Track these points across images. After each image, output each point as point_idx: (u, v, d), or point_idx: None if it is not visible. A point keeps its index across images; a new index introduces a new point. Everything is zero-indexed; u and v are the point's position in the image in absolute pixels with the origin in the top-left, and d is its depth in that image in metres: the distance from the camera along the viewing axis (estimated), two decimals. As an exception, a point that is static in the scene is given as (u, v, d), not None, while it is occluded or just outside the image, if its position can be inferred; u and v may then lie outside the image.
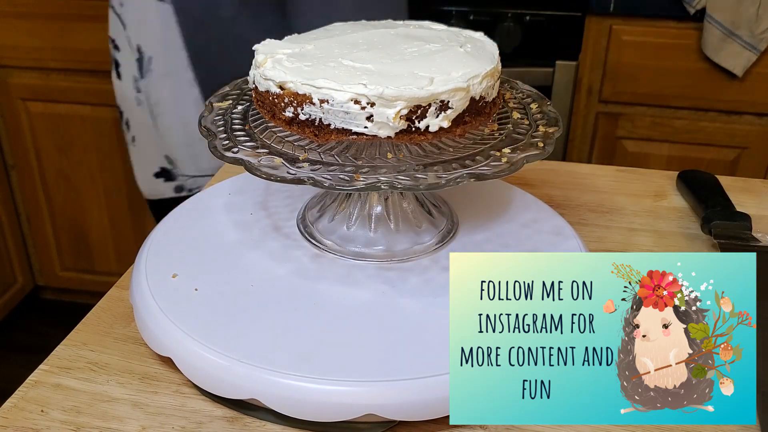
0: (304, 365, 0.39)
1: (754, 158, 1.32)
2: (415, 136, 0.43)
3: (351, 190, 0.42)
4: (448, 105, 0.43)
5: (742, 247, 0.53)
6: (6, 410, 0.41)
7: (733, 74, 1.23)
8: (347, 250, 0.49)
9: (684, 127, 1.32)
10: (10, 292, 1.82)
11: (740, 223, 0.56)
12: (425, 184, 0.41)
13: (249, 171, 0.43)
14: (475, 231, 0.53)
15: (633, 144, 1.35)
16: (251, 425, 0.40)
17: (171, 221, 0.54)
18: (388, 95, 0.41)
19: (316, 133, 0.44)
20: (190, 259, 0.49)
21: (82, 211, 1.74)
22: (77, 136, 1.63)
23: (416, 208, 0.52)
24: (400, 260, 0.49)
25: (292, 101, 0.44)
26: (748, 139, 1.30)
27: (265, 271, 0.48)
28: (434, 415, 0.39)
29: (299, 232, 0.52)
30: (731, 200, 0.60)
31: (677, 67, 1.26)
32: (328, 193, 0.53)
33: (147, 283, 0.46)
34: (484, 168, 0.43)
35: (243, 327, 0.42)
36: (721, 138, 1.31)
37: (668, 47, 1.25)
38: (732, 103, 1.28)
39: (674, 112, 1.31)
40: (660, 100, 1.30)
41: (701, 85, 1.27)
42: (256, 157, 0.44)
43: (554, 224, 0.54)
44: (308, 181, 0.41)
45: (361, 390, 0.38)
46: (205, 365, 0.40)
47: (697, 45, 1.23)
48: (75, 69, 1.55)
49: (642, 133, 1.33)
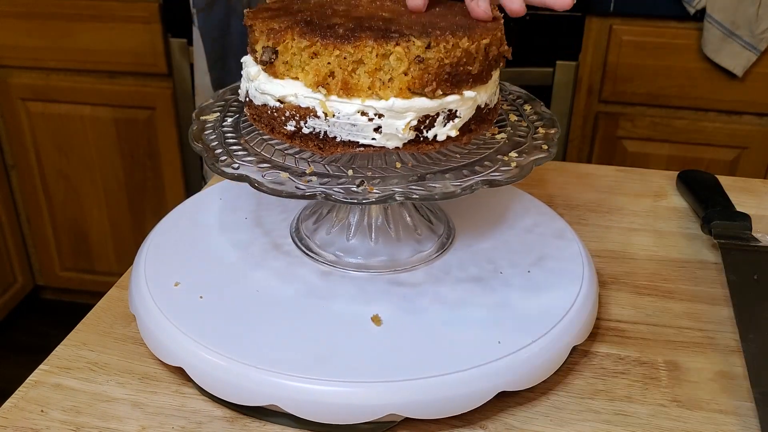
0: (322, 368, 0.39)
1: (754, 158, 1.32)
2: (422, 146, 0.42)
3: (366, 203, 0.40)
4: (456, 114, 0.43)
5: (743, 247, 0.53)
6: (6, 410, 0.41)
7: (733, 74, 1.23)
8: (349, 262, 0.48)
9: (684, 127, 1.32)
10: (10, 292, 1.82)
11: (740, 223, 0.56)
12: (440, 194, 0.40)
13: (254, 188, 0.41)
14: (477, 237, 0.52)
15: (633, 144, 1.35)
16: (251, 425, 0.40)
17: (168, 225, 0.53)
18: (398, 107, 0.40)
19: (320, 146, 0.42)
20: (192, 266, 0.48)
21: (82, 211, 1.74)
22: (77, 136, 1.63)
23: (415, 215, 0.52)
24: (404, 270, 0.48)
25: (294, 115, 0.42)
26: (748, 139, 1.30)
27: (270, 279, 0.47)
28: (456, 412, 0.39)
29: (296, 246, 0.50)
30: (731, 200, 0.60)
31: (677, 67, 1.26)
32: (324, 204, 0.52)
33: (149, 292, 0.45)
34: (496, 174, 0.42)
35: (254, 333, 0.42)
36: (721, 138, 1.31)
37: (668, 47, 1.25)
38: (732, 103, 1.28)
39: (674, 112, 1.31)
40: (660, 100, 1.30)
41: (701, 85, 1.27)
42: (260, 173, 0.42)
43: (556, 227, 0.54)
44: (320, 196, 0.40)
45: (383, 390, 0.38)
46: (219, 373, 0.40)
47: (697, 45, 1.23)
48: (75, 69, 1.55)
49: (642, 133, 1.33)
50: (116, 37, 1.50)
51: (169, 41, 1.51)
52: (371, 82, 0.40)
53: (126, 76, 1.55)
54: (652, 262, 0.56)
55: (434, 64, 0.40)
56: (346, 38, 0.40)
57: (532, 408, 0.41)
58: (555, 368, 0.42)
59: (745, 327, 0.45)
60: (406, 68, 0.40)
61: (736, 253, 0.52)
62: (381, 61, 0.40)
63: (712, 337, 0.47)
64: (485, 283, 0.47)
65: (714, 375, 0.44)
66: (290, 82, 0.42)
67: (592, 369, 0.44)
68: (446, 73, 0.41)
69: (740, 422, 0.40)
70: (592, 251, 0.54)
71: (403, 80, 0.40)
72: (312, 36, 0.40)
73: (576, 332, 0.44)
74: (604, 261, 0.56)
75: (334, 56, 0.40)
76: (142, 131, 1.61)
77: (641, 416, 0.41)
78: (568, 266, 0.49)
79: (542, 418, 0.41)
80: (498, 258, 0.50)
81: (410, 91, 0.40)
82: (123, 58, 1.52)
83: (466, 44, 0.41)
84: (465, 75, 0.42)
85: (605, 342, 0.47)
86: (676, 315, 0.49)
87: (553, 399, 0.42)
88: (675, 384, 0.43)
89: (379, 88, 0.40)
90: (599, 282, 0.51)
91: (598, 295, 0.48)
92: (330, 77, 0.41)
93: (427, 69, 0.40)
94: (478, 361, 0.39)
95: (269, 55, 0.42)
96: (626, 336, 0.47)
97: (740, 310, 0.46)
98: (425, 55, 0.40)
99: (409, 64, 0.40)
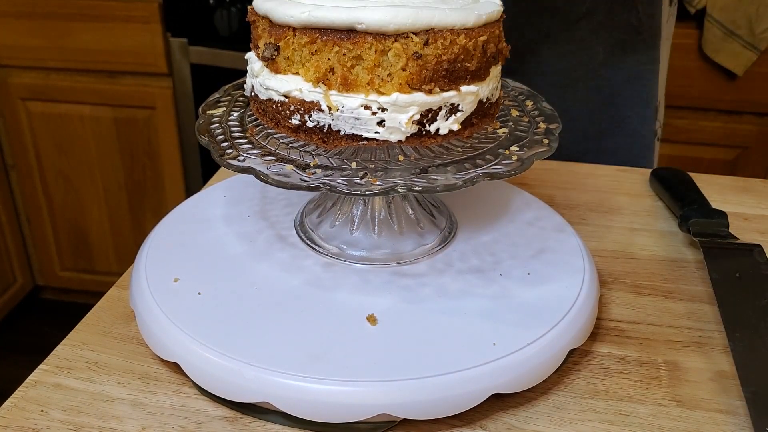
0: (316, 366, 0.39)
1: (754, 158, 1.32)
2: (425, 140, 0.43)
3: (368, 195, 0.41)
4: (458, 108, 0.43)
5: (722, 245, 0.53)
6: (6, 410, 0.41)
7: (733, 74, 1.23)
8: (352, 255, 0.49)
9: (684, 127, 1.32)
10: (10, 292, 1.82)
11: (718, 221, 0.56)
12: (442, 186, 0.41)
13: (259, 180, 0.41)
14: (478, 230, 0.53)
15: (633, 144, 1.35)
16: (251, 425, 0.40)
17: (171, 221, 0.54)
18: (401, 101, 0.41)
19: (324, 139, 0.43)
20: (193, 261, 0.48)
21: (82, 211, 1.74)
22: (77, 136, 1.63)
23: (418, 209, 0.52)
24: (407, 262, 0.49)
25: (298, 109, 0.43)
26: (748, 139, 1.30)
27: (268, 274, 0.47)
28: (449, 413, 0.39)
29: (300, 239, 0.51)
30: (707, 198, 0.60)
31: (677, 67, 1.26)
32: (328, 197, 0.53)
33: (148, 287, 0.45)
34: (497, 167, 0.43)
35: (250, 330, 0.42)
36: (721, 138, 1.31)
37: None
38: (732, 103, 1.28)
39: (674, 112, 1.31)
40: (660, 100, 1.30)
41: (701, 85, 1.27)
42: (265, 166, 0.43)
43: (556, 222, 0.54)
44: (324, 187, 0.40)
45: (376, 390, 0.38)
46: (213, 369, 0.40)
47: (697, 45, 1.23)
48: (75, 69, 1.56)
49: (642, 133, 1.33)
50: (116, 36, 1.50)
51: (169, 41, 1.51)
52: (370, 78, 0.40)
53: (126, 76, 1.55)
54: (652, 261, 0.56)
55: (432, 60, 0.40)
56: (345, 35, 0.40)
57: (533, 408, 0.41)
58: (551, 371, 0.42)
59: (732, 326, 0.45)
60: (404, 64, 0.40)
61: (717, 251, 0.52)
62: (379, 57, 0.40)
63: (713, 337, 0.47)
64: (486, 275, 0.47)
65: (714, 375, 0.44)
66: (292, 78, 0.42)
67: (593, 369, 0.44)
68: (444, 70, 0.41)
69: (740, 422, 0.40)
70: (592, 251, 0.54)
71: (402, 76, 0.40)
72: (312, 32, 0.41)
73: (574, 335, 0.43)
74: (604, 261, 0.56)
75: (333, 52, 0.40)
76: (142, 131, 1.61)
77: (641, 416, 0.41)
78: (569, 259, 0.49)
79: (542, 417, 0.41)
80: (499, 251, 0.50)
81: (409, 87, 0.40)
82: (123, 58, 1.52)
83: (463, 41, 0.41)
84: (462, 71, 0.42)
85: (605, 342, 0.47)
86: (677, 315, 0.49)
87: (553, 399, 0.42)
88: (675, 384, 0.43)
89: (378, 84, 0.41)
90: (599, 282, 0.51)
91: (598, 296, 0.48)
92: (330, 73, 0.41)
93: (425, 65, 0.40)
94: (472, 363, 0.39)
95: (271, 52, 0.43)
96: (626, 336, 0.47)
97: (725, 308, 0.46)
98: (423, 51, 0.40)
99: (407, 60, 0.40)
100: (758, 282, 0.48)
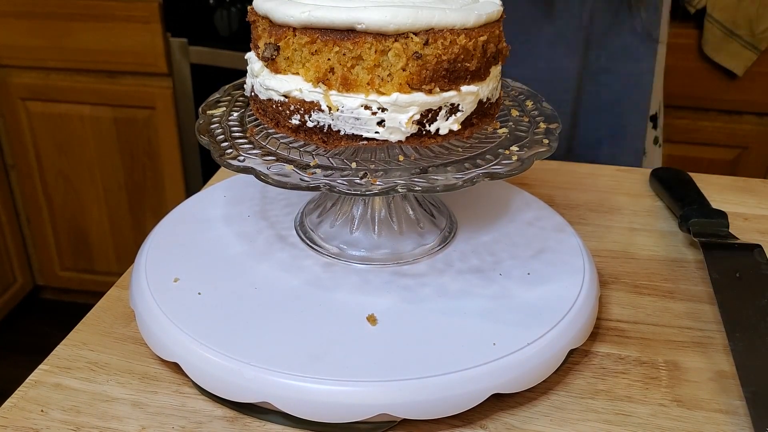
0: (316, 366, 0.39)
1: (754, 158, 1.32)
2: (425, 140, 0.43)
3: (368, 195, 0.41)
4: (458, 108, 0.43)
5: (723, 245, 0.53)
6: (6, 410, 0.41)
7: (733, 74, 1.24)
8: (352, 255, 0.49)
9: (684, 127, 1.32)
10: (10, 292, 1.82)
11: (718, 221, 0.56)
12: (442, 186, 0.41)
13: (259, 180, 0.41)
14: (478, 230, 0.53)
15: (633, 144, 1.35)
16: (251, 425, 0.40)
17: (171, 221, 0.54)
18: (401, 101, 0.41)
19: (324, 139, 0.43)
20: (193, 261, 0.48)
21: (82, 211, 1.74)
22: (77, 136, 1.64)
23: (418, 209, 0.52)
24: (407, 262, 0.49)
25: (298, 109, 0.43)
26: (748, 139, 1.31)
27: (268, 274, 0.47)
28: (447, 413, 0.39)
29: (300, 239, 0.51)
30: (707, 198, 0.60)
31: (677, 67, 1.26)
32: (328, 197, 0.53)
33: (148, 287, 0.45)
34: (497, 167, 0.43)
35: (250, 330, 0.42)
36: (721, 138, 1.31)
37: (668, 47, 1.25)
38: (732, 103, 1.28)
39: (674, 112, 1.31)
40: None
41: (701, 85, 1.27)
42: (265, 166, 0.43)
43: (556, 222, 0.54)
44: (324, 187, 0.40)
45: (376, 390, 0.38)
46: (213, 369, 0.40)
47: (697, 45, 1.23)
48: (75, 69, 1.56)
49: (642, 133, 1.33)
50: (116, 36, 1.50)
51: (169, 41, 1.51)
52: (370, 78, 0.40)
53: (126, 76, 1.55)
54: (652, 261, 0.56)
55: (432, 60, 0.40)
56: (345, 35, 0.40)
57: (533, 408, 0.41)
58: (551, 371, 0.42)
59: (732, 326, 0.45)
60: (404, 64, 0.40)
61: (717, 251, 0.52)
62: (379, 57, 0.40)
63: (713, 337, 0.47)
64: (486, 275, 0.47)
65: (714, 375, 0.44)
66: (292, 78, 0.42)
67: (593, 369, 0.44)
68: (444, 70, 0.41)
69: (740, 422, 0.40)
70: (592, 251, 0.54)
71: (402, 76, 0.40)
72: (312, 32, 0.41)
73: (574, 335, 0.43)
74: (604, 261, 0.56)
75: (333, 52, 0.40)
76: (141, 131, 1.61)
77: (642, 416, 0.41)
78: (569, 259, 0.49)
79: (542, 417, 0.41)
80: (499, 250, 0.50)
81: (409, 87, 0.40)
82: (123, 58, 1.52)
83: (463, 41, 0.41)
84: (462, 71, 0.42)
85: (605, 342, 0.47)
86: (677, 315, 0.49)
87: (553, 399, 0.42)
88: (675, 384, 0.43)
89: (378, 84, 0.41)
90: (599, 282, 0.51)
91: (598, 296, 0.48)
92: (330, 73, 0.41)
93: (425, 65, 0.40)
94: (472, 363, 0.39)
95: (271, 52, 0.43)
96: (626, 336, 0.47)
97: (725, 308, 0.46)
98: (423, 51, 0.40)
99: (407, 60, 0.40)
100: (758, 282, 0.48)
